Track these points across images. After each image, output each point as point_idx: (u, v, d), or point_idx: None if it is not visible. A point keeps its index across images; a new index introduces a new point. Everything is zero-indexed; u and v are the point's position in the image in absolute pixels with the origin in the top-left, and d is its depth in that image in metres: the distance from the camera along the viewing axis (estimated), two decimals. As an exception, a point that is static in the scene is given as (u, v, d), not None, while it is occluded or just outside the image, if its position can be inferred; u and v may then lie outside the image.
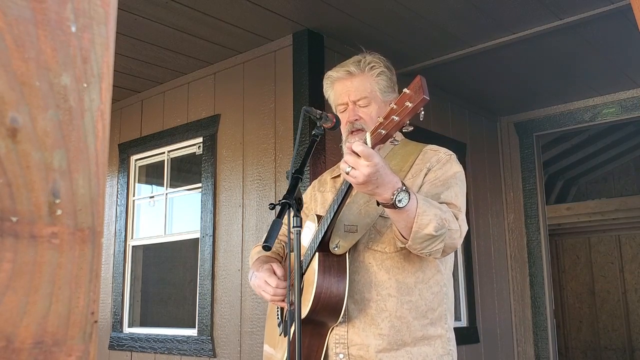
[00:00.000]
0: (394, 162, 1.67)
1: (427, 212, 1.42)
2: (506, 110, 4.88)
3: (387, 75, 1.73)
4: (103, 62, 0.47)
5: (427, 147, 1.73)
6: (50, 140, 0.43)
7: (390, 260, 1.59)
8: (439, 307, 1.61)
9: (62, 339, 0.43)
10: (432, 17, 3.19)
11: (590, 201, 7.23)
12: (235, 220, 3.55)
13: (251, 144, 3.55)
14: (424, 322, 1.58)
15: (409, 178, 1.64)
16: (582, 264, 7.93)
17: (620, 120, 4.61)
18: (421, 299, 1.58)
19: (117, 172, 4.40)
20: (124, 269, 4.19)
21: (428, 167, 1.64)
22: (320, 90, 2.00)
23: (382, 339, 1.55)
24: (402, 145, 1.72)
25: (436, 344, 1.58)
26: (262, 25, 3.30)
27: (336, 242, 1.58)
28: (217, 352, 3.49)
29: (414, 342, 1.56)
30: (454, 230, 1.48)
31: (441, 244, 1.46)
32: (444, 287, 1.64)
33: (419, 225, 1.42)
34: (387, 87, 1.72)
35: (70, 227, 0.44)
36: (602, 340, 7.69)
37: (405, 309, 1.56)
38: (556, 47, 3.66)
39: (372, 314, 1.57)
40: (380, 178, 1.37)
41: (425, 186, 1.61)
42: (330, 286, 1.53)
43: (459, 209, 1.55)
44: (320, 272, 1.54)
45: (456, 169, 1.66)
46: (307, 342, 1.57)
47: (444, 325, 1.62)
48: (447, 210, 1.50)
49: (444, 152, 1.70)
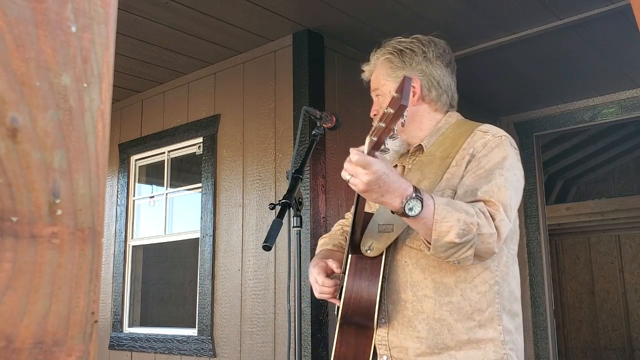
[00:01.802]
0: (442, 148, 1.54)
1: (446, 218, 1.31)
2: (506, 110, 4.88)
3: (393, 60, 1.61)
4: (103, 62, 0.47)
5: (479, 127, 1.56)
6: (50, 140, 0.43)
7: (425, 259, 1.47)
8: (489, 308, 1.45)
9: (62, 339, 0.43)
10: (432, 17, 3.19)
11: (590, 201, 7.23)
12: (235, 220, 3.55)
13: (251, 144, 3.55)
14: (469, 324, 1.44)
15: (453, 166, 1.49)
16: (582, 264, 7.93)
17: (620, 120, 4.61)
18: (464, 299, 1.44)
19: (117, 172, 4.40)
20: (124, 269, 4.19)
21: (472, 153, 1.48)
22: (320, 90, 1.99)
23: (420, 342, 1.45)
24: (455, 126, 1.59)
25: (487, 348, 1.43)
26: (262, 25, 3.30)
27: (369, 244, 1.49)
28: (217, 352, 3.49)
29: (459, 346, 1.43)
30: (486, 235, 1.34)
31: (469, 251, 1.33)
32: (495, 286, 1.47)
33: (438, 233, 1.32)
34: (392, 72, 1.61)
35: (71, 227, 0.44)
36: (602, 340, 7.68)
37: (444, 311, 1.44)
38: (556, 47, 3.66)
39: (409, 316, 1.47)
40: (384, 185, 1.28)
41: (467, 177, 1.46)
42: (360, 291, 1.46)
43: (499, 207, 1.38)
44: (350, 275, 1.48)
45: (505, 153, 1.47)
46: (354, 341, 1.51)
47: (497, 327, 1.45)
48: (478, 212, 1.34)
49: (492, 134, 1.51)
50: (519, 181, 1.49)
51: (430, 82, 1.61)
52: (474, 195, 1.40)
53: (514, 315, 1.52)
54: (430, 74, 1.61)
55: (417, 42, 1.64)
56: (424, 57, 1.61)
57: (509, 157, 1.47)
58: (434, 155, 1.55)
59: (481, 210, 1.36)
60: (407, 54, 1.61)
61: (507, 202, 1.40)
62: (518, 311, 1.55)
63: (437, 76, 1.62)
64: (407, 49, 1.62)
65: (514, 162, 1.48)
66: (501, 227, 1.37)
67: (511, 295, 1.52)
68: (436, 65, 1.62)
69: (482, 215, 1.35)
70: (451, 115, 1.64)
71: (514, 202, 1.44)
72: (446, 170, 1.50)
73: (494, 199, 1.39)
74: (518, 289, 1.57)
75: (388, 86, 1.60)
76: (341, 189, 3.37)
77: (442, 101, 1.63)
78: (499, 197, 1.39)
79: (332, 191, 3.31)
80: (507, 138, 1.52)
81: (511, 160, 1.47)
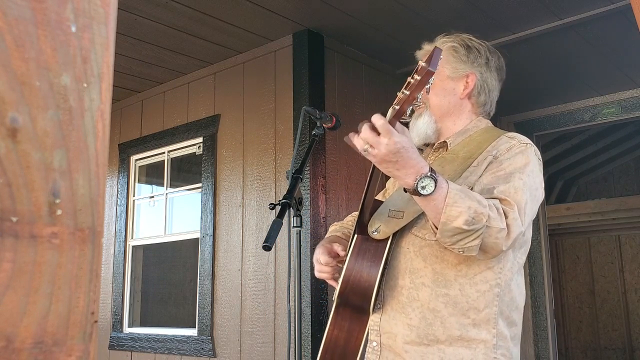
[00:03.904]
0: (466, 149, 1.53)
1: (457, 203, 1.28)
2: (506, 110, 4.88)
3: (460, 51, 1.61)
4: (103, 62, 0.47)
5: (506, 133, 1.56)
6: (50, 140, 0.43)
7: (428, 248, 1.45)
8: (486, 309, 1.42)
9: (62, 339, 0.43)
10: (432, 16, 3.19)
11: (590, 201, 7.22)
12: (235, 220, 3.55)
13: (251, 144, 3.55)
14: (463, 321, 1.41)
15: (474, 165, 1.49)
16: (582, 264, 7.93)
17: (620, 120, 4.61)
18: (462, 294, 1.42)
19: (117, 172, 4.40)
20: (124, 269, 4.19)
21: (495, 155, 1.47)
22: (321, 90, 1.99)
23: (410, 330, 1.43)
24: (483, 131, 1.59)
25: (477, 349, 1.40)
26: (262, 25, 3.30)
27: (376, 227, 1.47)
28: (217, 352, 3.49)
29: (449, 341, 1.41)
30: (495, 229, 1.31)
31: (476, 241, 1.30)
32: (495, 287, 1.44)
33: (447, 217, 1.29)
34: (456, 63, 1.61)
35: (70, 227, 0.44)
36: (602, 340, 7.68)
37: (440, 302, 1.42)
38: (556, 47, 3.66)
39: (403, 302, 1.46)
40: (401, 159, 1.26)
41: (486, 176, 1.45)
42: (361, 270, 1.44)
43: (513, 206, 1.36)
44: (353, 254, 1.46)
45: (527, 160, 1.45)
46: (347, 326, 1.49)
47: (492, 329, 1.42)
48: (491, 205, 1.32)
49: (518, 140, 1.50)
50: (538, 190, 1.47)
51: (483, 86, 1.63)
52: (490, 193, 1.39)
53: (511, 323, 1.48)
54: (486, 80, 1.63)
55: (484, 47, 1.66)
56: (486, 62, 1.63)
57: (531, 164, 1.46)
58: (457, 154, 1.54)
59: (495, 205, 1.34)
60: (473, 52, 1.62)
61: (522, 205, 1.38)
62: (517, 321, 1.51)
63: (490, 84, 1.64)
64: (474, 48, 1.63)
65: (536, 171, 1.47)
66: (513, 225, 1.34)
67: (512, 303, 1.48)
68: (493, 75, 1.65)
69: (495, 209, 1.33)
70: (481, 120, 1.64)
71: (530, 208, 1.41)
72: (466, 170, 1.49)
73: (510, 198, 1.37)
74: (521, 299, 1.53)
75: (442, 73, 1.59)
76: (341, 189, 3.37)
77: (484, 108, 1.66)
78: (515, 197, 1.37)
79: (332, 191, 3.31)
80: (533, 147, 1.50)
81: (533, 167, 1.46)
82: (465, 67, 1.60)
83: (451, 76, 1.60)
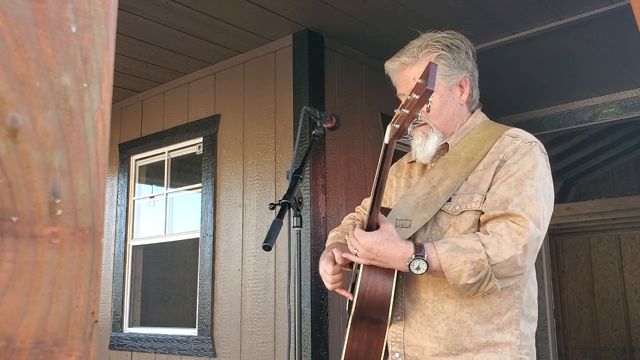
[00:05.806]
0: (467, 148, 1.51)
1: (453, 264, 1.32)
2: (506, 110, 4.88)
3: (447, 57, 1.53)
4: (103, 62, 0.47)
5: (507, 131, 1.52)
6: (50, 140, 0.43)
7: None
8: (508, 312, 1.44)
9: (62, 339, 0.43)
10: (432, 17, 3.19)
11: (590, 201, 7.22)
12: (235, 220, 3.55)
13: (251, 144, 3.55)
14: (488, 327, 1.42)
15: (480, 169, 1.46)
16: (582, 264, 7.93)
17: (620, 120, 4.61)
18: (485, 302, 1.43)
19: (117, 172, 4.40)
20: (124, 269, 4.19)
21: (502, 159, 1.44)
22: (320, 90, 1.98)
23: (438, 342, 1.44)
24: (482, 127, 1.56)
25: (504, 352, 1.42)
26: (262, 25, 3.30)
27: None
28: (217, 352, 3.49)
29: (477, 348, 1.42)
30: (500, 263, 1.32)
31: (490, 283, 1.33)
32: (515, 290, 1.45)
33: (452, 280, 1.34)
34: (449, 70, 1.53)
35: (71, 227, 0.44)
36: (602, 340, 7.68)
37: (465, 313, 1.43)
38: (556, 47, 3.66)
39: (429, 315, 1.46)
40: (380, 254, 1.37)
41: (498, 187, 1.42)
42: (375, 284, 1.44)
43: (527, 223, 1.35)
44: (365, 269, 1.45)
45: (535, 161, 1.44)
46: (366, 337, 1.49)
47: (514, 331, 1.44)
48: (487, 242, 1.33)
49: (522, 140, 1.47)
50: (550, 189, 1.47)
51: (473, 81, 1.59)
52: (504, 207, 1.38)
53: (531, 320, 1.50)
54: (472, 74, 1.59)
55: (459, 39, 1.58)
56: (466, 53, 1.58)
57: (539, 164, 1.45)
58: (458, 155, 1.52)
59: (500, 231, 1.34)
60: (455, 51, 1.56)
61: (539, 215, 1.38)
62: (535, 316, 1.53)
63: (475, 75, 1.60)
64: (455, 46, 1.56)
65: (544, 170, 1.46)
66: (529, 244, 1.34)
67: (529, 300, 1.50)
68: (474, 64, 1.60)
69: (494, 241, 1.33)
70: (477, 115, 1.62)
71: (547, 211, 1.43)
72: (471, 172, 1.47)
73: (524, 213, 1.36)
74: (536, 292, 1.55)
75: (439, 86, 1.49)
76: (341, 189, 3.37)
77: (475, 100, 1.63)
78: (530, 210, 1.37)
79: (332, 191, 3.31)
80: (537, 144, 1.49)
81: (541, 168, 1.45)
82: (456, 72, 1.55)
83: (447, 86, 1.55)
